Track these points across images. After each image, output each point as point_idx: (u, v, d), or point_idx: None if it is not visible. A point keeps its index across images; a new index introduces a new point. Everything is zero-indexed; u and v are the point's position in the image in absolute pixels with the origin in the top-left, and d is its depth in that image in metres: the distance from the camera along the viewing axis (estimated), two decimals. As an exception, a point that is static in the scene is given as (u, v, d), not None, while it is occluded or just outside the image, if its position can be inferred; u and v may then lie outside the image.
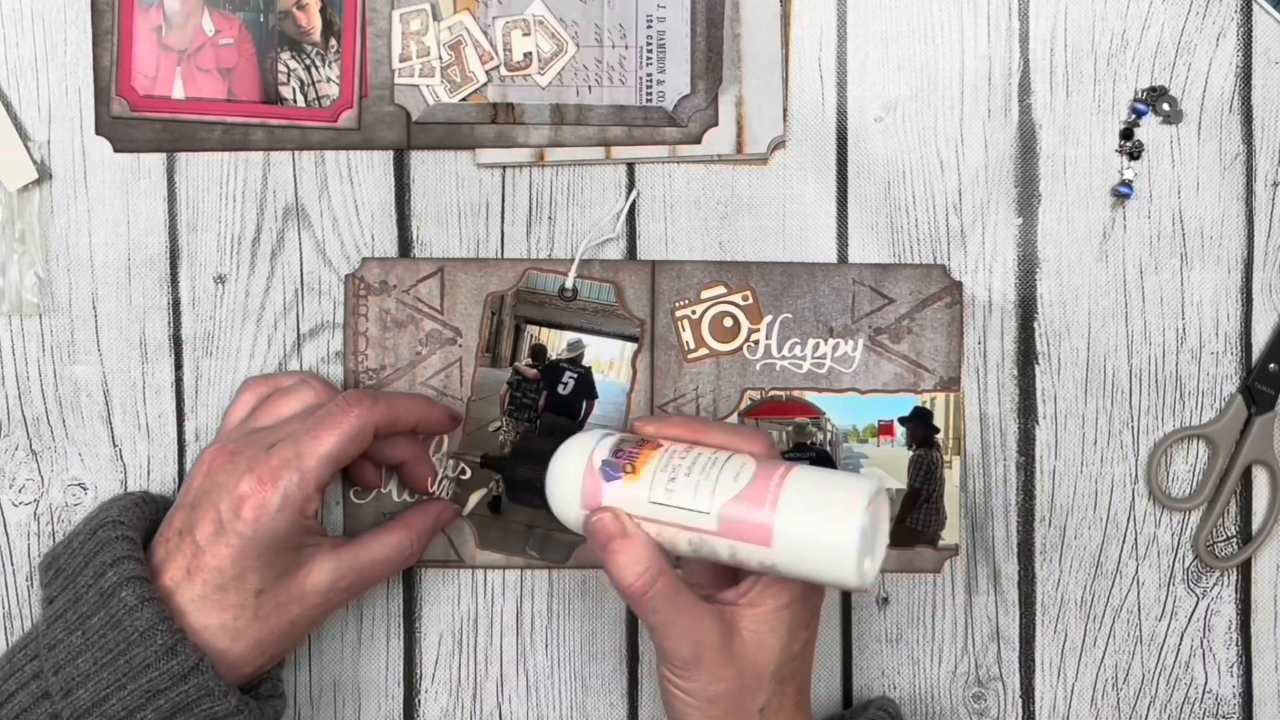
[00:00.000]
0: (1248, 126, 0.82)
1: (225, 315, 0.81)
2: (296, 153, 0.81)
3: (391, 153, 0.81)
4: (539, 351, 0.81)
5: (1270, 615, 0.84)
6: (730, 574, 0.73)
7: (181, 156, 0.81)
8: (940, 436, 0.81)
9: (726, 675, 0.70)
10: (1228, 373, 0.83)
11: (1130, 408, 0.83)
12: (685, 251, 0.82)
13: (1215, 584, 0.84)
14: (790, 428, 0.81)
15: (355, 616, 0.82)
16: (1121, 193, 0.81)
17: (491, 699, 0.83)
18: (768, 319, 0.81)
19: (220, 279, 0.81)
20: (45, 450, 0.81)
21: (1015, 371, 0.83)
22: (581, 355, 0.81)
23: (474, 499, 0.81)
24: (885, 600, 0.83)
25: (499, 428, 0.81)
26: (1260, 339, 0.83)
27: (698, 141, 0.81)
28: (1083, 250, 0.82)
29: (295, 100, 0.80)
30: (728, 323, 0.81)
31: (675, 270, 0.81)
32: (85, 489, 0.81)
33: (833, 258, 0.82)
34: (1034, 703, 0.84)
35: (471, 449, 0.81)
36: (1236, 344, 0.83)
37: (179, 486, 0.81)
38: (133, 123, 0.80)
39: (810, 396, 0.81)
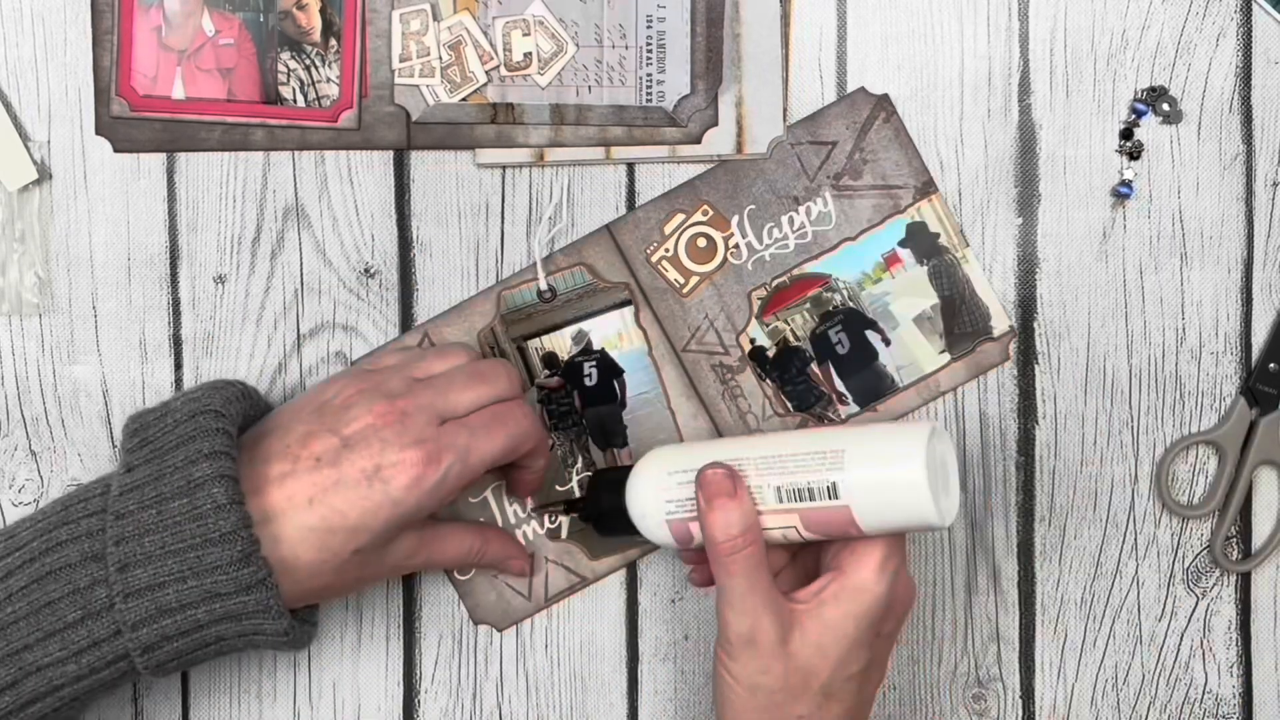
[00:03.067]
0: (1248, 126, 0.82)
1: (225, 315, 0.81)
2: (296, 153, 0.81)
3: (391, 153, 0.81)
4: (551, 359, 0.81)
5: (1270, 615, 0.84)
6: (809, 578, 0.74)
7: (181, 156, 0.81)
8: (943, 240, 0.81)
9: (774, 669, 0.70)
10: (1227, 373, 0.83)
11: (1130, 408, 0.83)
12: (685, 251, 0.82)
13: (1215, 584, 0.84)
14: (807, 305, 0.81)
15: (355, 617, 0.82)
16: (1121, 193, 0.81)
17: (491, 699, 0.83)
18: (734, 220, 0.81)
19: (220, 279, 0.81)
20: (45, 450, 0.81)
21: (1015, 371, 0.83)
22: (590, 342, 0.81)
23: (565, 520, 0.82)
24: (885, 600, 0.83)
25: (552, 445, 0.82)
26: (1260, 339, 0.83)
27: (698, 141, 0.81)
28: (1083, 250, 0.82)
29: (295, 100, 0.80)
30: (701, 243, 0.81)
31: (631, 221, 0.81)
32: (85, 489, 0.81)
33: (833, 258, 0.82)
34: (1034, 703, 0.84)
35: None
36: (1236, 344, 0.83)
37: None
38: (133, 123, 0.80)
39: (810, 267, 0.81)
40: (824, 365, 0.82)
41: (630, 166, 0.81)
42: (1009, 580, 0.83)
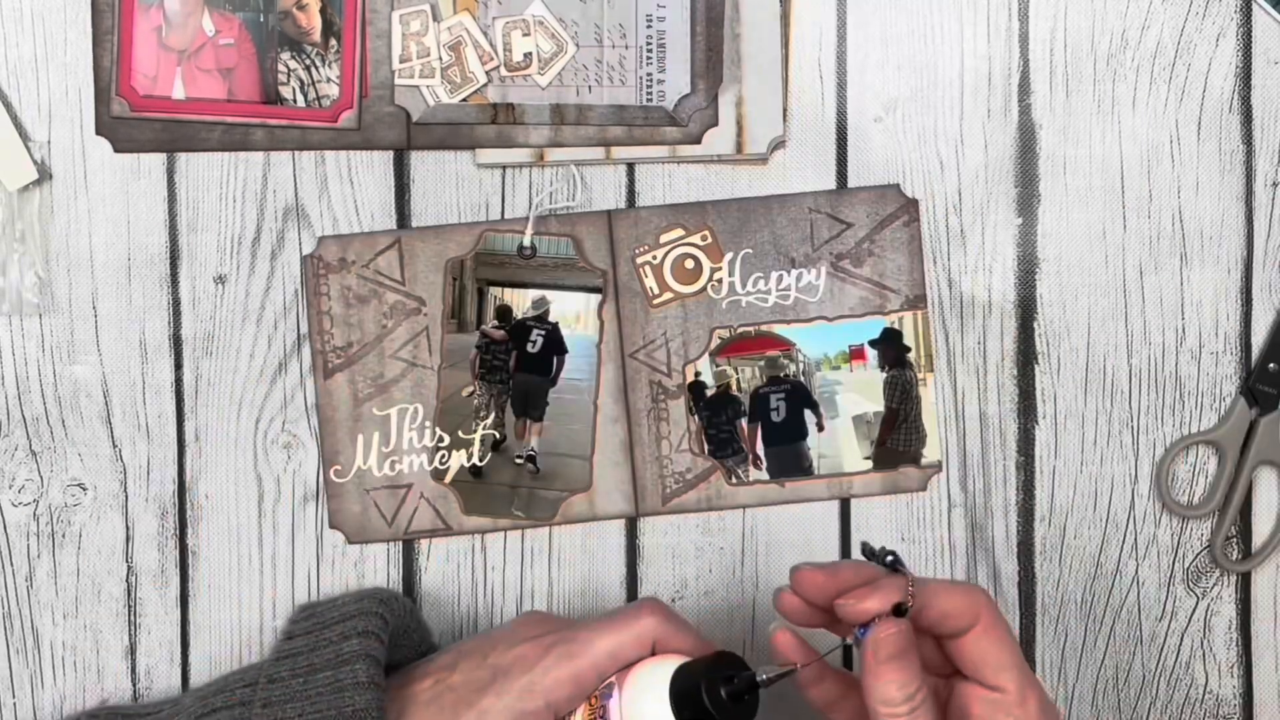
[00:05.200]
0: (1247, 126, 0.82)
1: (225, 315, 0.81)
2: (296, 153, 0.81)
3: (391, 153, 0.81)
4: (504, 312, 0.81)
5: (1270, 615, 0.84)
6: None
7: (181, 156, 0.81)
8: (912, 355, 0.81)
9: None
10: (1227, 373, 0.83)
11: (1130, 408, 0.83)
12: (685, 251, 0.82)
13: (1215, 584, 0.84)
14: (761, 363, 0.81)
15: (355, 617, 0.82)
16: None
17: (491, 699, 0.83)
18: (728, 256, 0.81)
19: (220, 279, 0.81)
20: (45, 450, 0.81)
21: (1015, 371, 0.83)
22: (547, 311, 0.81)
23: (454, 466, 0.81)
24: (885, 601, 0.83)
25: (472, 392, 0.81)
26: (1260, 339, 0.83)
27: (698, 141, 0.81)
28: (1083, 250, 0.82)
29: (295, 100, 0.80)
30: (689, 264, 0.81)
31: (632, 217, 0.81)
32: (85, 489, 0.81)
33: (833, 258, 0.82)
34: (1034, 703, 0.83)
35: (447, 416, 0.81)
36: (1236, 344, 0.83)
37: (179, 487, 0.81)
38: (133, 123, 0.80)
39: (779, 329, 0.81)
40: (754, 424, 0.82)
41: (630, 166, 0.81)
42: (1009, 580, 0.83)
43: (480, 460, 0.82)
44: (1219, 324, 0.83)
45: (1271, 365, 0.82)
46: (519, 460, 0.82)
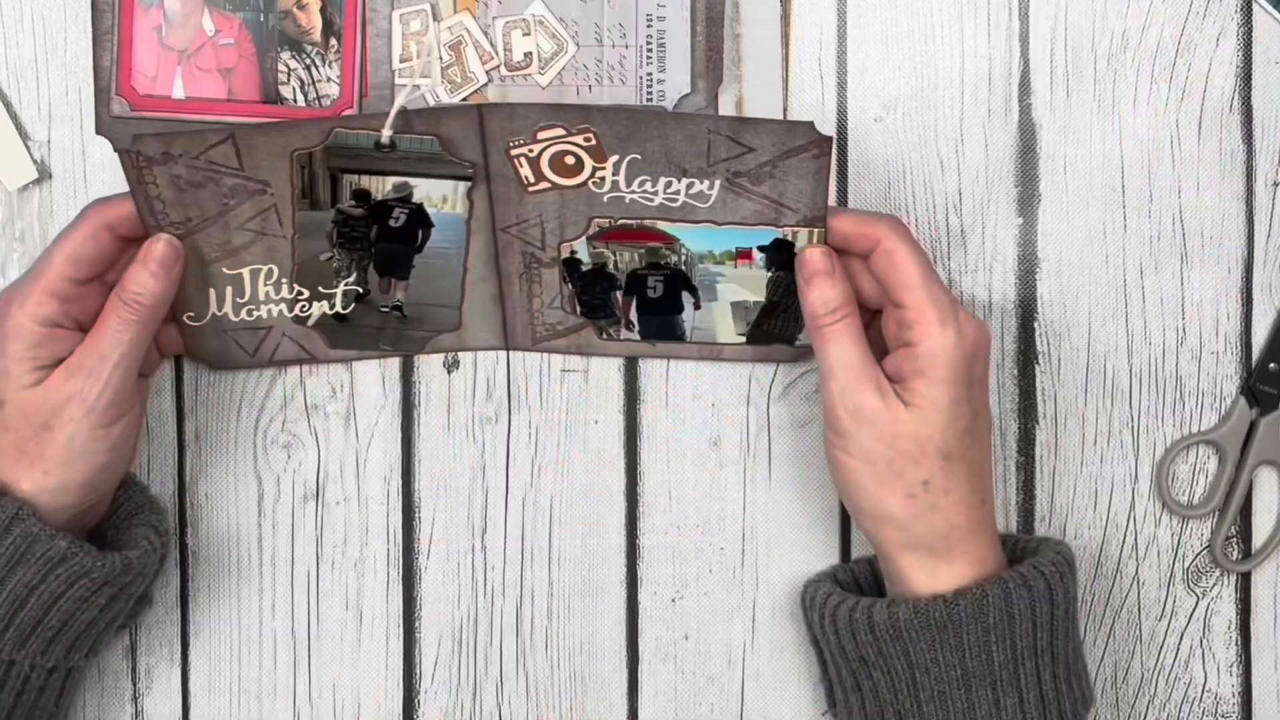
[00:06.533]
0: (1248, 126, 0.82)
1: (225, 315, 0.81)
2: (296, 152, 0.81)
3: (391, 152, 0.81)
4: (362, 195, 0.77)
5: (1270, 615, 0.84)
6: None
7: (181, 156, 0.81)
8: None
9: (886, 437, 0.73)
10: (1228, 373, 0.83)
11: (1130, 408, 0.83)
12: (685, 251, 0.82)
13: (1215, 584, 0.84)
14: (642, 250, 0.79)
15: (354, 617, 0.82)
16: None
17: (491, 700, 0.83)
18: (613, 159, 0.76)
19: (220, 279, 0.81)
20: (45, 450, 0.81)
21: (1015, 371, 0.83)
22: (410, 194, 0.78)
23: (316, 314, 0.79)
24: (885, 600, 0.83)
25: (330, 257, 0.78)
26: (1260, 339, 0.83)
27: (698, 141, 0.80)
28: (1083, 250, 0.82)
29: (295, 100, 0.80)
30: (570, 161, 0.76)
31: (505, 112, 0.76)
32: (85, 489, 0.81)
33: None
34: (1034, 703, 0.84)
35: (306, 274, 0.78)
36: (1237, 344, 0.83)
37: (179, 487, 0.81)
38: (133, 122, 0.80)
39: (664, 226, 0.78)
40: (628, 298, 0.80)
41: (630, 166, 0.81)
42: (1009, 580, 0.83)
43: (344, 309, 0.79)
44: (1219, 324, 0.83)
45: (1272, 365, 0.82)
46: (384, 309, 0.80)
